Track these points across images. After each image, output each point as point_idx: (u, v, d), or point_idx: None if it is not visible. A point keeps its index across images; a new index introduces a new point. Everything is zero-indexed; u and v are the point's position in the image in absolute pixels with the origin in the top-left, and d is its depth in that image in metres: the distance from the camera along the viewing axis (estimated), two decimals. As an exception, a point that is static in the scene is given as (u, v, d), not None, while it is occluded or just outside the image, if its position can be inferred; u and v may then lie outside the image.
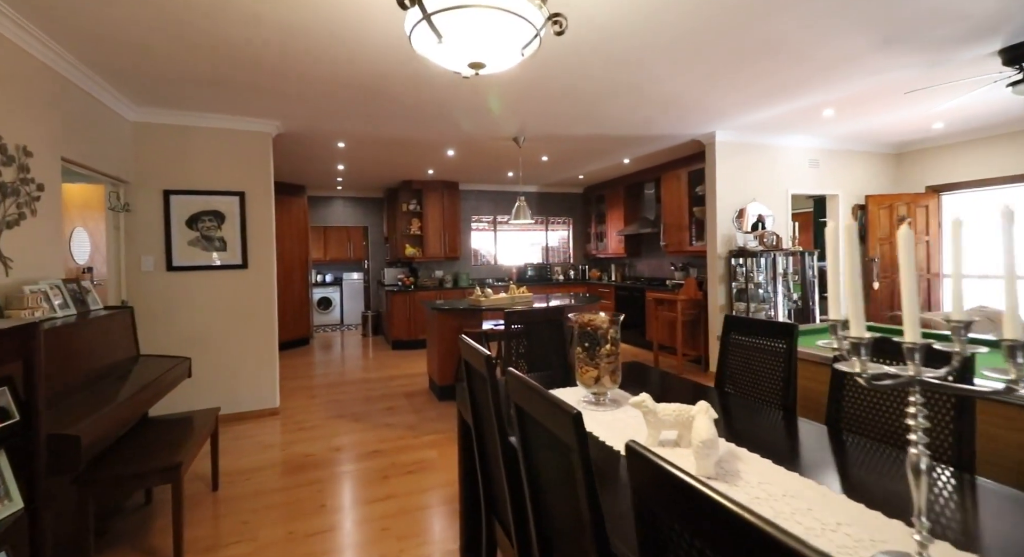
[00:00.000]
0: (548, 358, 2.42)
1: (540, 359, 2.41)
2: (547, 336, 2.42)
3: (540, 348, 2.41)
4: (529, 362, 2.38)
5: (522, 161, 5.78)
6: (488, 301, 4.22)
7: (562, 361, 2.43)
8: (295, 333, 7.04)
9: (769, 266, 4.61)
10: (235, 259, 3.93)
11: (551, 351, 2.43)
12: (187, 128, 3.79)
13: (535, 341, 2.41)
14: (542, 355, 2.41)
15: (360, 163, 5.80)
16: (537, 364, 2.41)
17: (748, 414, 1.69)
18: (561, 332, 2.44)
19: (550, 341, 2.42)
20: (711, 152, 4.84)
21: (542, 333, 2.41)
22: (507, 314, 2.35)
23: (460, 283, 7.38)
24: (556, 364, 2.44)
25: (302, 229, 7.21)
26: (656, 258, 6.98)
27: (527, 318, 2.37)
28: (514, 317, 2.35)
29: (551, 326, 2.43)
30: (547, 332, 2.42)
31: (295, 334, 7.04)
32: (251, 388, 3.97)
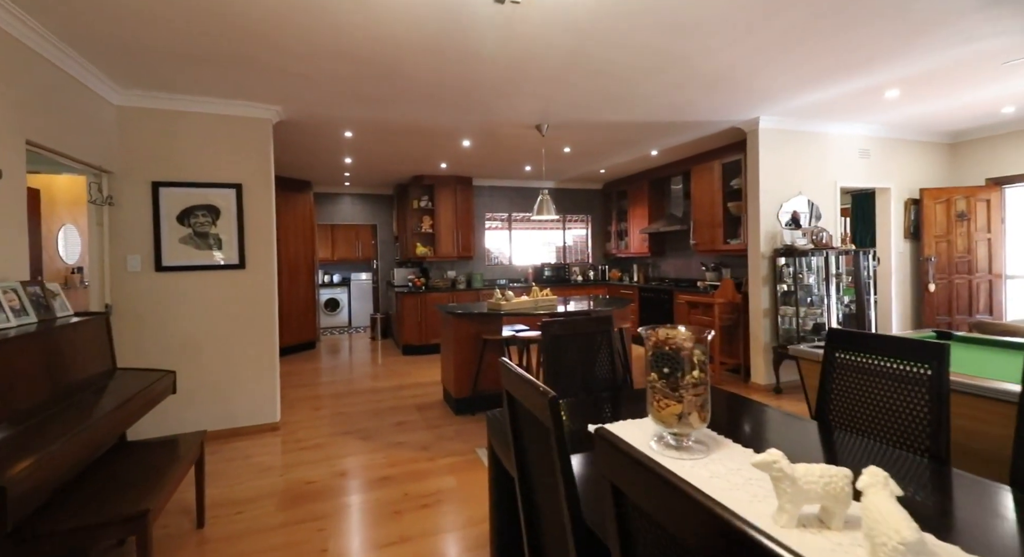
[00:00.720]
0: (593, 374, 2.01)
1: (583, 376, 2.00)
2: (591, 348, 2.01)
3: (583, 363, 2.00)
4: (570, 379, 1.97)
5: (543, 153, 5.37)
6: (509, 305, 3.82)
7: (610, 379, 2.01)
8: (300, 337, 6.68)
9: (821, 266, 4.15)
10: (231, 258, 3.56)
11: (597, 366, 2.01)
12: (178, 113, 3.42)
13: (576, 354, 1.99)
14: (586, 371, 2.00)
15: (369, 155, 5.42)
16: (578, 382, 1.99)
17: (885, 464, 1.26)
18: (609, 344, 2.02)
19: (595, 354, 2.01)
20: (753, 141, 4.38)
21: (585, 345, 2.00)
22: (544, 325, 1.94)
23: (474, 284, 6.99)
24: (603, 381, 2.02)
25: (308, 227, 6.86)
26: (683, 258, 6.53)
27: (571, 328, 1.96)
28: (555, 328, 1.93)
29: (597, 337, 2.01)
30: (591, 344, 2.01)
31: (300, 338, 6.69)
32: (249, 401, 3.59)
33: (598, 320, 2.01)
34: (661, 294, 6.09)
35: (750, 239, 4.46)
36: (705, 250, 5.65)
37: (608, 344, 2.02)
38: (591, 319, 2.00)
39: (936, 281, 4.98)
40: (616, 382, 2.01)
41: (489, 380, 3.97)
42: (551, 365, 1.92)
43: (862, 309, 4.26)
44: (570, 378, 1.96)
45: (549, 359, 1.92)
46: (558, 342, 1.94)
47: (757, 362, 4.41)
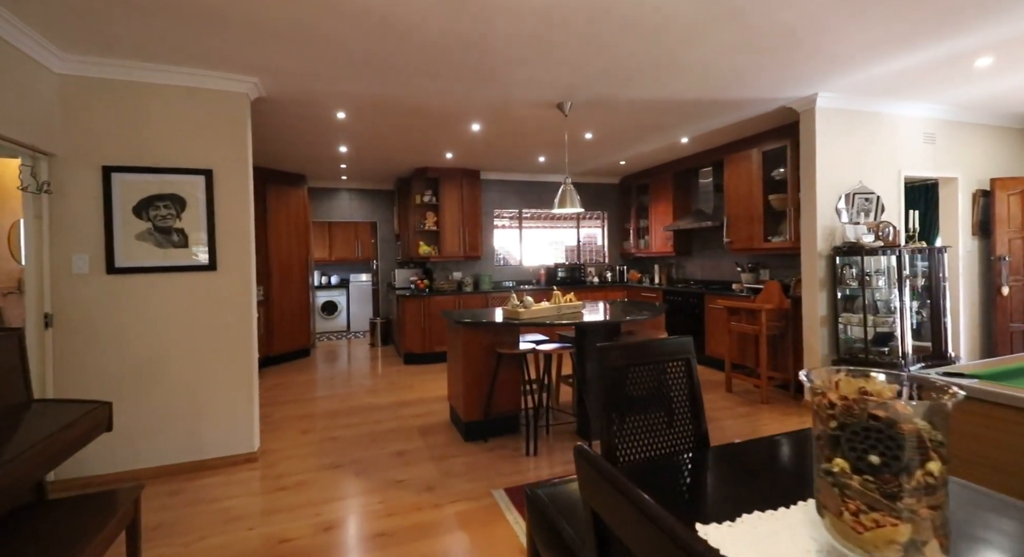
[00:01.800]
0: (669, 425, 1.43)
1: (654, 427, 1.41)
2: (664, 385, 1.43)
3: (654, 408, 1.41)
4: (637, 432, 1.39)
5: (563, 139, 4.79)
6: (529, 313, 3.24)
7: (691, 432, 1.43)
8: (293, 344, 6.12)
9: (891, 266, 3.56)
10: (199, 258, 2.99)
11: (675, 413, 1.43)
12: (135, 85, 2.86)
13: (643, 394, 1.41)
14: (656, 419, 1.41)
15: (366, 143, 4.85)
16: (648, 435, 1.41)
17: None
18: (690, 380, 1.44)
19: (670, 394, 1.43)
20: (808, 122, 3.79)
21: (656, 380, 1.42)
22: (602, 350, 1.36)
23: (482, 286, 6.41)
24: (682, 435, 1.44)
25: (302, 224, 6.30)
26: (713, 257, 5.93)
27: (637, 355, 1.38)
28: (614, 356, 1.35)
29: (671, 370, 1.43)
30: (663, 379, 1.43)
31: (294, 345, 6.13)
32: (221, 428, 3.03)
33: (675, 345, 1.43)
34: (689, 298, 5.50)
35: (804, 236, 3.87)
36: (741, 249, 5.06)
37: (688, 380, 1.44)
38: (665, 344, 1.42)
39: (1010, 283, 4.37)
40: (700, 437, 1.43)
41: (504, 400, 3.39)
42: (610, 409, 1.34)
43: (937, 317, 3.67)
44: (638, 430, 1.37)
45: (607, 401, 1.34)
46: (619, 377, 1.36)
47: (813, 378, 3.81)
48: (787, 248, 4.53)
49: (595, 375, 1.30)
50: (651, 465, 1.24)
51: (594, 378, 3.27)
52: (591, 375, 3.28)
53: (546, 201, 7.06)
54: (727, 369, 4.39)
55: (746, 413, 3.76)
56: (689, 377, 1.45)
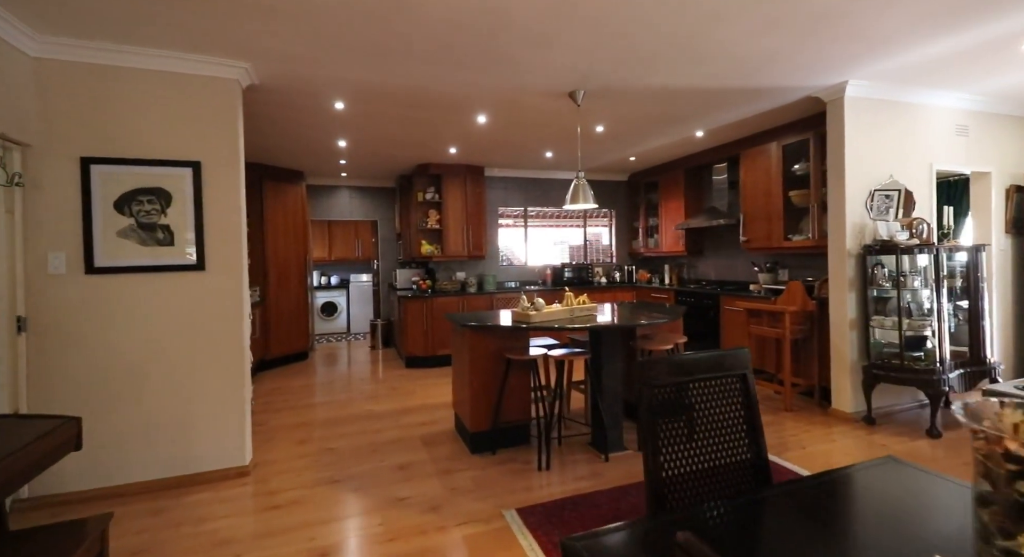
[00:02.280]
0: (726, 456, 1.20)
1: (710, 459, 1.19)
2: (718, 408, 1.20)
3: (709, 436, 1.19)
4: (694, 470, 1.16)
5: (572, 133, 4.57)
6: (540, 316, 3.02)
7: (751, 462, 1.21)
8: (291, 347, 5.91)
9: (927, 266, 3.33)
10: (186, 257, 2.78)
11: (731, 442, 1.21)
12: (117, 70, 2.65)
13: (698, 419, 1.19)
14: (710, 449, 1.19)
15: (366, 137, 4.64)
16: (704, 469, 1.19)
17: None
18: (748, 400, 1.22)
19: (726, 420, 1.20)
20: (837, 112, 3.56)
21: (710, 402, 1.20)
22: (647, 366, 1.13)
23: (486, 287, 6.19)
24: (740, 465, 1.22)
25: (299, 223, 6.09)
26: (727, 257, 5.71)
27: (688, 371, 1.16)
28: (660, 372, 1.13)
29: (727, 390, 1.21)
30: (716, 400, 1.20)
31: (291, 348, 5.91)
32: (210, 440, 2.81)
33: (729, 359, 1.21)
34: (704, 299, 5.28)
35: (832, 233, 3.64)
36: (759, 248, 4.83)
37: (744, 399, 1.22)
38: (717, 357, 1.20)
39: (1046, 284, 4.14)
40: (759, 466, 1.20)
41: (513, 409, 3.17)
42: (655, 436, 1.11)
43: (975, 319, 3.43)
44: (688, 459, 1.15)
45: (651, 427, 1.11)
46: (665, 397, 1.14)
47: (841, 384, 3.59)
48: (809, 247, 4.30)
49: (644, 399, 1.05)
50: (722, 518, 1.01)
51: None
52: (607, 383, 3.06)
53: (553, 199, 6.84)
54: (747, 374, 4.15)
55: (770, 422, 3.53)
56: (746, 395, 1.22)
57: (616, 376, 3.08)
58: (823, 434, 3.29)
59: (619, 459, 2.95)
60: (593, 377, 3.01)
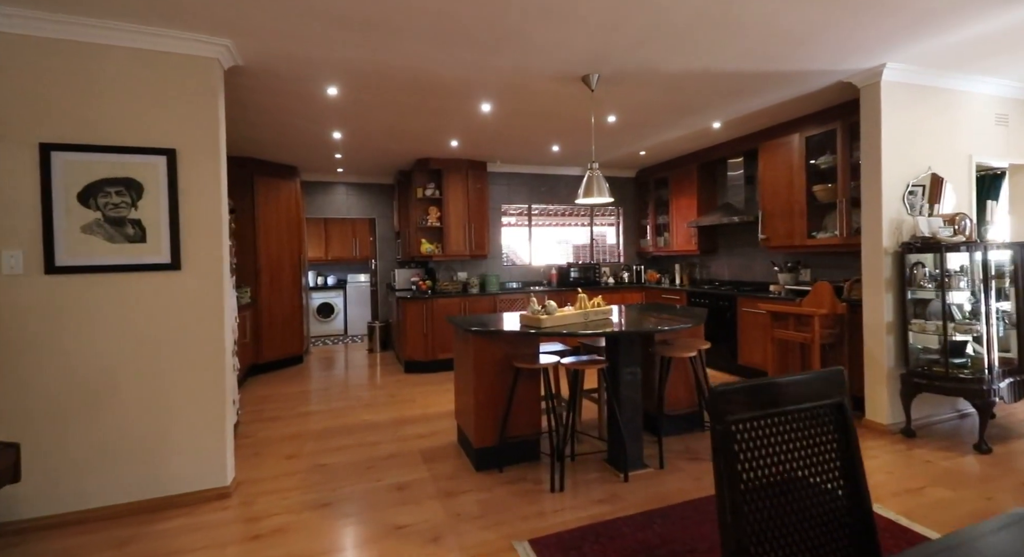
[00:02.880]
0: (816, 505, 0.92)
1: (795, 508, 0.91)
2: (806, 445, 0.92)
3: (797, 477, 0.91)
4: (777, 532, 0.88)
5: (582, 123, 4.29)
6: (552, 320, 2.74)
7: (848, 511, 0.93)
8: (284, 350, 5.63)
9: (975, 265, 3.05)
10: (159, 255, 2.50)
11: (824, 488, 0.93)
12: (82, 46, 2.37)
13: (782, 457, 0.91)
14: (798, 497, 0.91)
15: (362, 128, 4.36)
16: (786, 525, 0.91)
17: None
18: (845, 436, 0.94)
19: (816, 458, 0.92)
20: (872, 98, 3.29)
21: (796, 438, 0.92)
22: (720, 397, 0.85)
23: (488, 288, 5.91)
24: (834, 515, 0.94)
25: (294, 220, 5.81)
26: (743, 256, 5.43)
27: (767, 401, 0.88)
28: (737, 403, 0.85)
29: (818, 421, 0.93)
30: (803, 435, 0.92)
31: (284, 352, 5.63)
32: (185, 457, 2.53)
33: (820, 383, 0.93)
34: (719, 301, 5.00)
35: (866, 230, 3.36)
36: (780, 246, 4.56)
37: (841, 435, 0.94)
38: (806, 381, 0.92)
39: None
40: (861, 521, 0.92)
41: (522, 422, 2.89)
42: (735, 488, 0.84)
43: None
44: (771, 514, 0.87)
45: (731, 476, 0.83)
46: (741, 436, 0.86)
47: (876, 394, 3.31)
48: (835, 245, 4.03)
49: (716, 434, 0.79)
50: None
51: (629, 399, 2.78)
52: (626, 393, 2.78)
53: (559, 195, 6.57)
54: (770, 382, 3.88)
55: (799, 434, 3.25)
56: (844, 431, 0.95)
57: (635, 386, 2.81)
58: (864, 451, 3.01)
59: (640, 479, 2.67)
60: (611, 387, 2.73)
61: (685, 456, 2.96)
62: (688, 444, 3.13)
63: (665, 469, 2.78)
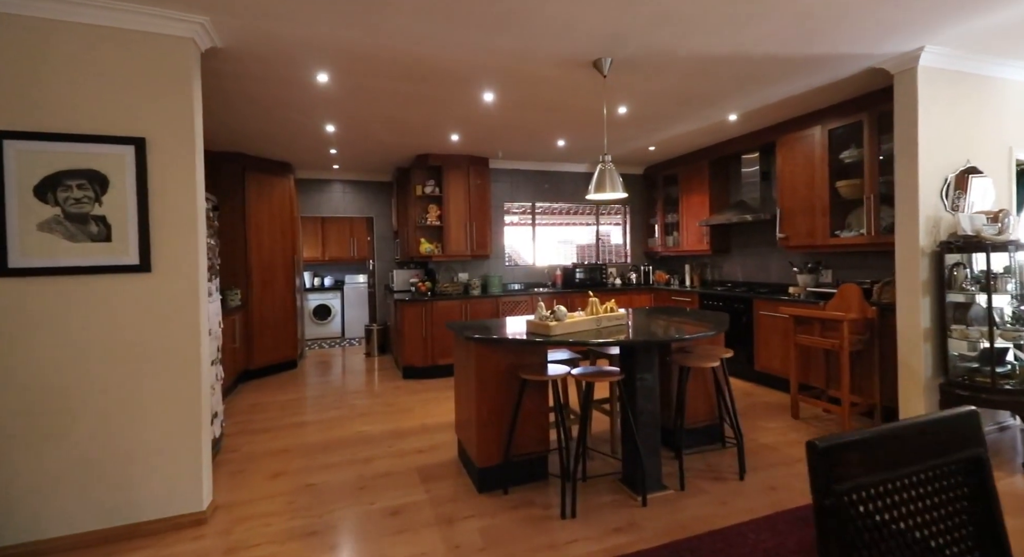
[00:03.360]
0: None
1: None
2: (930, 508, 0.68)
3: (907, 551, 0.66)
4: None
5: (591, 115, 4.03)
6: (563, 327, 2.49)
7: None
8: (277, 355, 5.38)
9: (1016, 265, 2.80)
10: (126, 255, 2.25)
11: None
12: (39, 23, 2.12)
13: (889, 522, 0.66)
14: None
15: (356, 120, 4.11)
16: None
17: None
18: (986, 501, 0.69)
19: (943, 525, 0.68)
20: (908, 85, 3.03)
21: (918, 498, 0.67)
22: (828, 454, 0.61)
23: (490, 289, 5.66)
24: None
25: (287, 219, 5.56)
26: (758, 256, 5.17)
27: (888, 460, 0.63)
28: (852, 464, 0.61)
29: (944, 476, 0.68)
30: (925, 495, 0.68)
31: (277, 356, 5.38)
32: (156, 480, 2.29)
33: (948, 429, 0.69)
34: (734, 303, 4.74)
35: (901, 228, 3.10)
36: (799, 246, 4.30)
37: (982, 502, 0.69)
38: (936, 426, 0.67)
39: None
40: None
41: (529, 439, 2.64)
42: None
43: (1075, 330, 2.90)
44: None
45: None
46: (855, 506, 0.61)
47: (912, 405, 3.06)
48: (862, 245, 3.77)
49: (822, 512, 0.55)
50: None
51: (646, 414, 2.52)
52: (643, 406, 2.53)
53: (563, 193, 6.32)
54: (793, 391, 3.63)
55: (828, 450, 3.00)
56: (984, 497, 0.69)
57: (654, 399, 2.55)
58: (898, 467, 2.75)
59: (659, 502, 2.42)
60: (627, 401, 2.48)
61: (707, 475, 2.70)
62: (708, 461, 2.88)
63: (686, 491, 2.52)
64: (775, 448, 3.05)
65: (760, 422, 3.53)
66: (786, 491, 2.49)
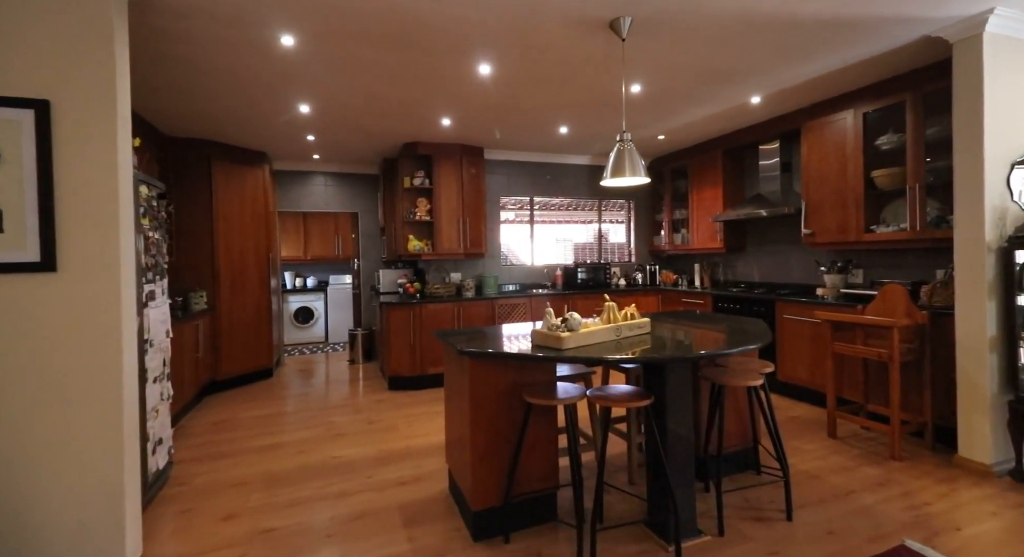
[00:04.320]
0: None
1: None
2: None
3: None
4: None
5: (600, 94, 3.59)
6: (576, 339, 2.04)
7: None
8: (249, 363, 4.88)
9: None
10: (22, 250, 1.76)
11: None
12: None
13: None
14: None
15: (334, 98, 3.63)
16: None
17: None
18: None
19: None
20: (972, 55, 2.62)
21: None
22: None
23: (486, 291, 5.21)
24: None
25: (261, 213, 5.06)
26: (776, 254, 4.76)
27: None
28: None
29: None
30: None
31: (250, 365, 4.88)
32: (64, 533, 1.80)
33: None
34: (753, 305, 4.32)
35: (961, 221, 2.69)
36: (828, 243, 3.88)
37: None
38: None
39: None
40: None
41: (535, 473, 2.18)
42: None
43: None
44: None
45: None
46: None
47: (975, 425, 2.64)
48: (902, 241, 3.36)
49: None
50: None
51: (678, 443, 2.08)
52: (674, 431, 2.08)
53: (564, 188, 5.88)
54: (830, 406, 3.20)
55: (880, 479, 2.58)
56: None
57: (685, 423, 2.11)
58: (971, 501, 2.33)
59: (696, 553, 1.97)
60: (655, 429, 2.03)
61: (747, 514, 2.26)
62: (746, 495, 2.44)
63: (726, 537, 2.08)
64: (819, 476, 2.62)
65: (793, 442, 3.11)
66: (847, 536, 2.06)
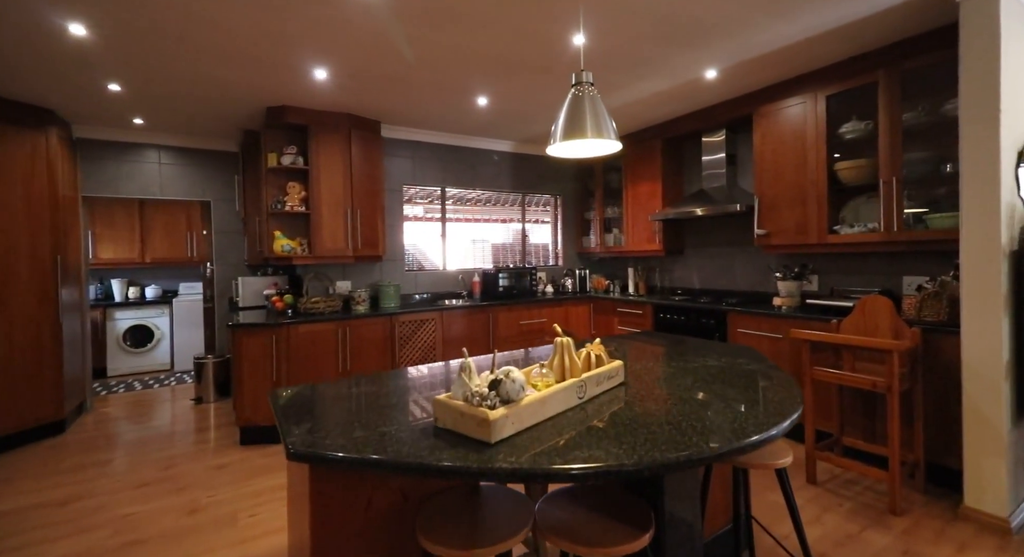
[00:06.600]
0: None
1: None
2: None
3: None
4: None
5: (534, 48, 2.69)
6: (516, 417, 1.10)
7: None
8: (19, 419, 3.28)
9: None
10: None
11: None
12: None
13: None
14: None
15: (137, 13, 2.32)
16: None
17: None
18: None
19: None
20: (981, 19, 2.14)
21: None
22: None
23: (384, 303, 4.09)
24: None
25: (44, 199, 3.46)
26: (720, 257, 4.26)
27: None
28: None
29: None
30: None
31: (21, 419, 3.28)
32: None
33: None
34: (700, 317, 3.73)
35: (969, 220, 2.21)
36: (784, 245, 3.39)
37: None
38: None
39: None
40: None
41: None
42: None
43: None
44: None
45: None
46: None
47: (985, 468, 2.16)
48: (873, 244, 2.92)
49: None
50: None
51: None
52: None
53: (481, 177, 4.94)
54: (808, 445, 2.62)
55: (895, 551, 1.98)
56: None
57: (694, 536, 1.27)
58: (1012, 582, 1.79)
59: None
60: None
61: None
62: (755, 611, 1.68)
63: None
64: (825, 555, 1.96)
65: (770, 496, 2.47)
66: None
